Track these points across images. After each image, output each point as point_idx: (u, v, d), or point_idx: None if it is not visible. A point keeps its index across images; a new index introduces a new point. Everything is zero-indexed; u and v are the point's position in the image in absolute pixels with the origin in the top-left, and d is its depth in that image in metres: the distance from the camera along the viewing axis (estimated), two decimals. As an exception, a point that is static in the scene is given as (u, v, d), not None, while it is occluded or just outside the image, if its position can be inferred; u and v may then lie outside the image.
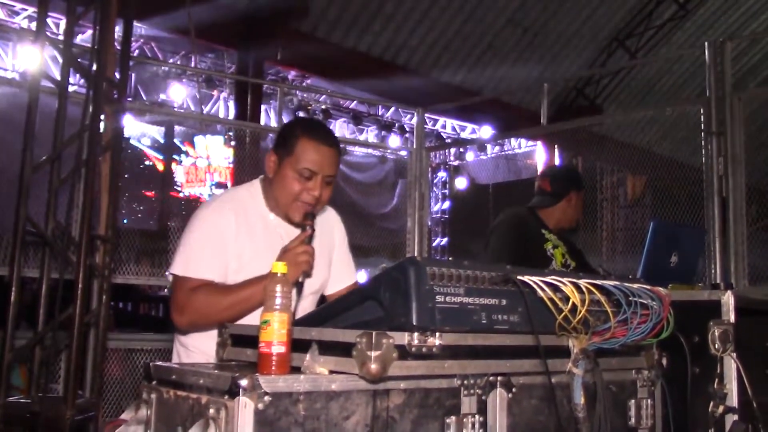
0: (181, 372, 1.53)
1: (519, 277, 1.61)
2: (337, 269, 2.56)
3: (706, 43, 4.65)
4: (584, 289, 1.61)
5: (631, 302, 1.69)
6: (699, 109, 4.59)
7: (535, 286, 1.58)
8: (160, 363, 1.65)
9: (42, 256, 3.51)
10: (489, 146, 13.11)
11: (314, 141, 2.28)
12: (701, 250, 3.85)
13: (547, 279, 1.60)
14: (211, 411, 1.35)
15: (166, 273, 2.40)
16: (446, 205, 13.16)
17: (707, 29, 12.17)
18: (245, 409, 1.31)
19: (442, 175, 13.13)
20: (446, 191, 13.20)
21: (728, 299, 2.09)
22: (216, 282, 2.26)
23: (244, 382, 1.31)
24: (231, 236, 2.28)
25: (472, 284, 1.57)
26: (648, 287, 1.75)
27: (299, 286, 2.21)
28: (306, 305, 2.38)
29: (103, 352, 3.53)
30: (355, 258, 2.67)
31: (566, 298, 1.59)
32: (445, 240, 12.99)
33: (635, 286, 1.73)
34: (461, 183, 12.73)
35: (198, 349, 2.33)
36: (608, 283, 1.70)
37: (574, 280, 1.62)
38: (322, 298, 2.56)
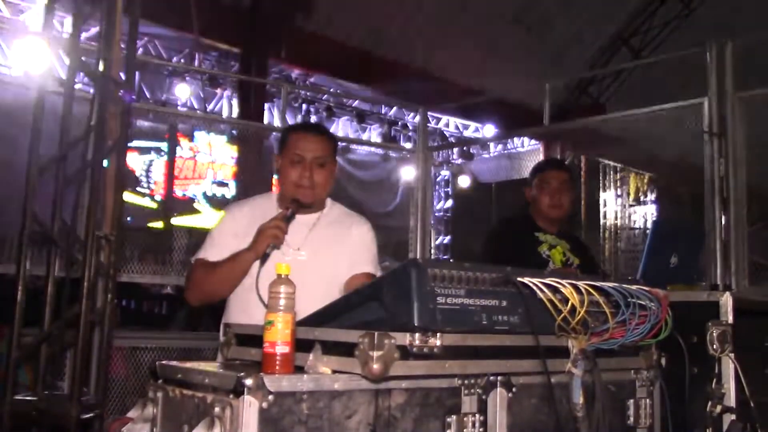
0: (186, 371, 1.56)
1: (519, 279, 1.63)
2: (354, 256, 2.67)
3: (707, 44, 4.66)
4: (583, 291, 1.64)
5: (629, 303, 1.71)
6: (700, 109, 4.60)
7: (534, 288, 1.61)
8: (165, 362, 1.68)
9: (48, 254, 3.53)
10: (492, 145, 13.12)
11: (299, 131, 2.69)
12: (701, 250, 3.85)
13: (547, 280, 1.62)
14: (216, 409, 1.38)
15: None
16: (449, 203, 13.17)
17: (712, 28, 12.15)
18: (250, 407, 1.33)
19: (444, 173, 13.13)
20: (449, 190, 13.21)
21: (726, 300, 2.11)
22: (212, 260, 2.54)
23: (248, 382, 1.34)
24: (244, 228, 2.52)
25: (472, 286, 1.60)
26: (646, 289, 1.78)
27: (264, 257, 2.37)
28: (318, 293, 2.38)
29: (109, 350, 3.55)
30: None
31: (565, 300, 1.62)
32: (447, 239, 13.00)
33: (634, 287, 1.75)
34: (464, 181, 12.72)
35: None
36: (607, 284, 1.72)
37: (573, 282, 1.65)
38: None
